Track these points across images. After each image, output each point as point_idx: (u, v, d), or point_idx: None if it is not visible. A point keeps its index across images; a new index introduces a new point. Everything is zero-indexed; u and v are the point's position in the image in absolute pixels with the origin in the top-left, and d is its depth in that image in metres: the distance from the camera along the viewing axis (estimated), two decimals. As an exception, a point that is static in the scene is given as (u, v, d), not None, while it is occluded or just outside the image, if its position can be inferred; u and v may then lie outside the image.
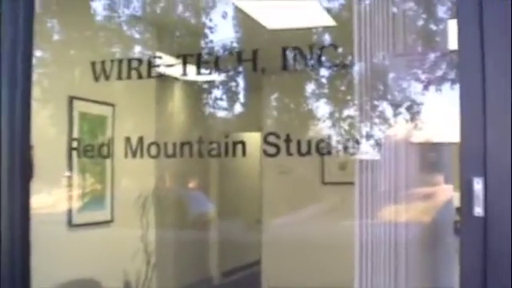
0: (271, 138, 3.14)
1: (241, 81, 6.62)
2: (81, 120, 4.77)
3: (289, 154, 3.05)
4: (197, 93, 7.22)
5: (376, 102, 3.00)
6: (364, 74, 2.95)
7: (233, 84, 6.81)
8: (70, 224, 4.77)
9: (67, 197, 4.82)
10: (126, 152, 3.46)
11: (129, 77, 3.37)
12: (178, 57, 3.33)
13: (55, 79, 4.66)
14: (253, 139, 3.86)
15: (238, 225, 9.12)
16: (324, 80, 6.70)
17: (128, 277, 5.16)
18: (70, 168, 4.66)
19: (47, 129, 4.51)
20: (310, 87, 6.93)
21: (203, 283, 8.80)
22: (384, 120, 3.03)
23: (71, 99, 4.78)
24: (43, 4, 4.23)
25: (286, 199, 7.57)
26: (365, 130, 3.02)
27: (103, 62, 3.44)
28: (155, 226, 5.56)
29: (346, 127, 5.05)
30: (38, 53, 4.33)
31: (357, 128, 3.05)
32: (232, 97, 7.13)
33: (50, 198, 4.57)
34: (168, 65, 3.40)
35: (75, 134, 4.70)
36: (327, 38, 4.47)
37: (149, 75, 3.36)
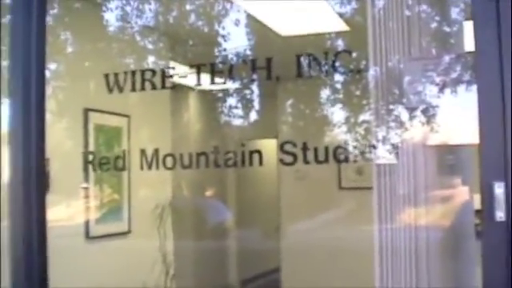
0: (288, 147, 3.12)
1: (255, 88, 6.59)
2: (96, 132, 4.77)
3: (306, 162, 3.02)
4: (212, 102, 7.21)
5: (392, 106, 2.98)
6: (379, 78, 2.93)
7: (248, 92, 6.79)
8: (88, 236, 4.76)
9: (84, 209, 4.82)
10: (141, 164, 3.45)
11: (143, 88, 3.35)
12: (191, 66, 3.32)
13: (70, 91, 4.66)
14: (269, 146, 3.84)
15: (257, 232, 9.11)
16: (339, 85, 6.68)
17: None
18: (87, 180, 4.66)
19: (63, 141, 4.51)
20: (325, 93, 6.91)
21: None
22: (400, 124, 3.00)
23: (86, 111, 4.77)
24: (56, 16, 4.24)
25: (303, 205, 7.55)
26: (381, 134, 2.99)
27: (116, 75, 3.43)
28: (173, 236, 5.54)
29: (362, 132, 5.01)
30: (52, 65, 4.36)
31: (373, 133, 3.02)
32: (247, 104, 7.11)
33: (67, 211, 4.57)
34: (181, 75, 3.38)
35: (91, 146, 4.70)
36: (341, 44, 4.46)
37: (163, 86, 3.35)
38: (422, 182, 2.91)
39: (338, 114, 6.92)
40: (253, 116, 7.47)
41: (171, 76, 3.40)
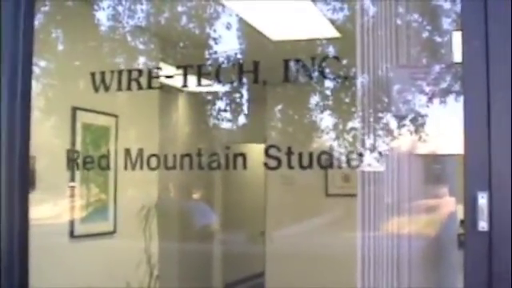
0: (272, 151, 3.12)
1: (244, 92, 6.59)
2: (84, 131, 4.75)
3: (290, 167, 3.03)
4: (201, 104, 7.21)
5: (379, 114, 2.98)
6: (367, 85, 2.93)
7: (236, 96, 6.79)
8: (72, 235, 4.74)
9: (69, 208, 4.80)
10: (125, 164, 3.45)
11: (129, 88, 3.35)
12: (178, 67, 3.32)
13: (59, 90, 4.65)
14: (257, 150, 3.84)
15: (242, 236, 9.10)
16: (327, 92, 6.70)
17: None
18: (73, 179, 4.64)
19: (50, 139, 4.49)
20: (314, 99, 6.92)
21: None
22: (387, 132, 3.00)
23: (74, 110, 4.76)
24: (47, 14, 4.23)
25: (289, 211, 7.56)
26: (368, 141, 3.00)
27: (103, 73, 3.42)
28: (158, 237, 5.53)
29: (350, 139, 5.02)
30: (41, 63, 4.35)
31: (359, 140, 3.02)
32: (236, 108, 7.12)
33: (52, 209, 4.54)
34: (168, 76, 3.38)
35: (78, 145, 4.68)
36: (332, 50, 4.45)
37: (149, 86, 3.35)
38: (407, 190, 2.92)
39: (325, 120, 6.93)
40: (241, 120, 7.48)
41: (158, 76, 3.40)
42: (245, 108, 7.27)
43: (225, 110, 6.87)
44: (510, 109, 2.24)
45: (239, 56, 4.72)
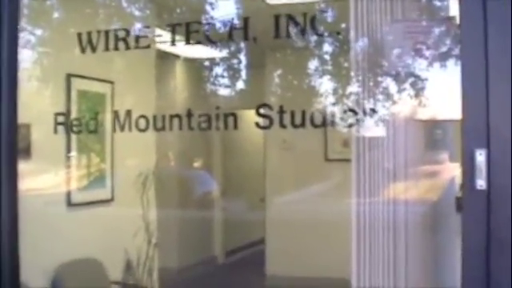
0: (264, 110, 3.08)
1: (242, 58, 6.53)
2: (79, 97, 4.70)
3: (282, 125, 2.98)
4: (199, 70, 7.15)
5: (375, 74, 2.93)
6: (361, 43, 2.88)
7: (235, 61, 6.73)
8: (70, 203, 4.70)
9: (66, 176, 4.76)
10: (114, 126, 3.43)
11: (116, 48, 3.30)
12: (167, 26, 3.27)
13: (53, 57, 4.59)
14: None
15: (242, 203, 9.09)
16: (318, 51, 6.61)
17: (129, 256, 5.13)
18: (69, 146, 4.61)
19: (45, 108, 4.43)
20: (313, 64, 6.87)
21: (207, 262, 8.77)
22: (383, 93, 2.95)
23: (69, 77, 4.70)
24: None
25: (289, 176, 7.55)
26: (362, 102, 2.95)
27: (89, 33, 3.38)
28: (156, 204, 5.50)
29: (346, 101, 4.96)
30: (37, 31, 4.30)
31: (354, 100, 2.98)
32: (234, 74, 7.06)
33: (48, 178, 4.51)
34: (155, 35, 3.33)
35: (73, 112, 4.62)
36: (326, 9, 4.39)
37: (136, 46, 3.29)
38: (403, 156, 2.89)
39: (324, 84, 6.87)
40: (240, 86, 7.42)
41: (144, 37, 3.35)
42: (243, 74, 7.21)
43: (222, 76, 6.81)
44: (510, 65, 2.19)
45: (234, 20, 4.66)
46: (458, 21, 2.38)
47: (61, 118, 3.79)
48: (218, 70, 6.79)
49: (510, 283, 2.20)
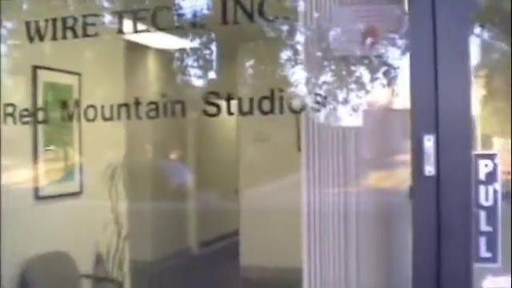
0: (212, 97, 3.07)
1: (214, 49, 6.48)
2: (45, 89, 4.64)
3: (230, 113, 2.97)
4: (169, 61, 7.10)
5: (322, 58, 2.91)
6: (310, 27, 2.86)
7: (206, 52, 6.67)
8: (38, 196, 4.66)
9: (34, 169, 4.71)
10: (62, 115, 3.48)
11: (64, 37, 3.26)
12: (114, 13, 3.26)
13: (18, 49, 4.53)
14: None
15: (216, 195, 9.07)
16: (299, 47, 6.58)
17: (99, 249, 5.10)
18: (35, 139, 4.56)
19: (10, 100, 4.37)
20: (286, 54, 6.84)
21: (180, 254, 8.74)
22: (333, 79, 2.94)
23: (35, 69, 4.64)
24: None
25: (262, 168, 7.54)
26: (312, 88, 2.93)
27: (37, 22, 3.35)
28: (126, 196, 5.47)
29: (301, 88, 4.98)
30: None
31: (304, 86, 2.97)
32: (205, 65, 7.01)
33: (17, 172, 4.45)
34: (103, 22, 3.31)
35: (40, 104, 4.56)
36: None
37: (84, 34, 3.26)
38: (353, 144, 2.88)
39: (293, 74, 6.83)
40: (211, 76, 7.37)
41: (94, 24, 3.33)
42: (214, 65, 7.16)
43: (192, 67, 6.76)
44: (458, 50, 2.18)
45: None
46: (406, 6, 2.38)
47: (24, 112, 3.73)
48: (189, 60, 6.74)
49: (460, 268, 2.20)
